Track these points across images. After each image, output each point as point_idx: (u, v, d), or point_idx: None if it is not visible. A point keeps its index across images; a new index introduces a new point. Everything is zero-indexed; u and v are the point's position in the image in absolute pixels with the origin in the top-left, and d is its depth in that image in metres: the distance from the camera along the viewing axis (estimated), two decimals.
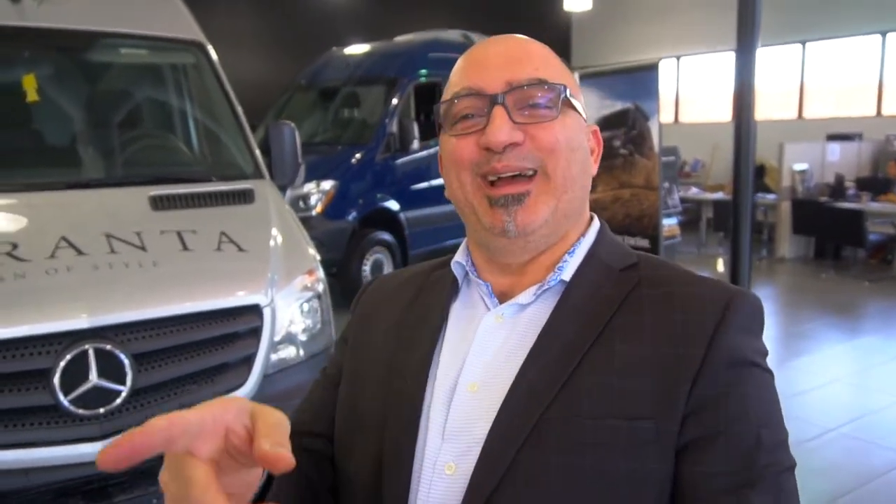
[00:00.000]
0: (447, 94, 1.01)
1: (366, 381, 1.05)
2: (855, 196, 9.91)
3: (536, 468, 0.86)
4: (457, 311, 1.05)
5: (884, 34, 12.15)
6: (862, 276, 9.33)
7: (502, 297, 1.02)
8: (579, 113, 1.01)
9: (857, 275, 9.46)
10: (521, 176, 0.96)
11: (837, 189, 10.09)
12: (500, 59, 0.98)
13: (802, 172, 10.31)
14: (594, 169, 1.05)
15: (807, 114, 13.27)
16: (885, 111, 12.29)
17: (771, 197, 10.50)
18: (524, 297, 0.99)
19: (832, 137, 11.49)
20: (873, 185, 10.25)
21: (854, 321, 7.68)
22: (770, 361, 0.94)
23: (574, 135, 0.99)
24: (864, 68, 12.62)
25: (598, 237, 1.05)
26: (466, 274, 1.06)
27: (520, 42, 1.01)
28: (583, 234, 1.04)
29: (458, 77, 1.00)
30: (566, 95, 0.98)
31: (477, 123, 0.97)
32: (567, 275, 0.99)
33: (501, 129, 0.94)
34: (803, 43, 13.13)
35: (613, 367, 0.89)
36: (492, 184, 0.97)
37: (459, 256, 1.07)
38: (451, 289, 1.07)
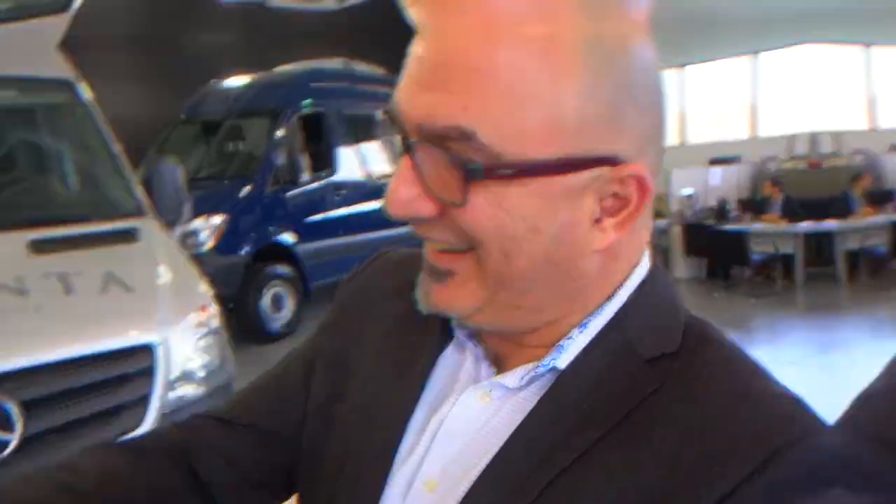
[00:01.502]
0: None
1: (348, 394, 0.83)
2: (737, 218, 10.29)
3: None
4: (445, 362, 0.78)
5: (756, 53, 12.56)
6: (749, 294, 9.65)
7: (498, 362, 0.74)
8: (572, 169, 0.62)
9: (745, 292, 9.77)
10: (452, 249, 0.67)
11: (721, 212, 10.46)
12: (424, 67, 0.62)
13: (689, 197, 10.64)
14: (609, 236, 0.66)
15: (689, 139, 13.68)
16: (760, 132, 12.79)
17: (663, 222, 10.79)
18: (511, 378, 0.71)
19: (714, 162, 11.89)
20: (753, 206, 10.67)
21: (745, 335, 7.89)
22: None
23: (524, 214, 0.63)
24: (738, 90, 13.06)
25: (635, 293, 0.71)
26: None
27: (464, 28, 0.60)
28: (614, 294, 0.70)
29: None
30: (496, 169, 0.61)
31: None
32: (564, 361, 0.69)
33: (396, 198, 0.64)
34: (682, 66, 13.26)
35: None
36: None
37: None
38: (443, 327, 0.78)
